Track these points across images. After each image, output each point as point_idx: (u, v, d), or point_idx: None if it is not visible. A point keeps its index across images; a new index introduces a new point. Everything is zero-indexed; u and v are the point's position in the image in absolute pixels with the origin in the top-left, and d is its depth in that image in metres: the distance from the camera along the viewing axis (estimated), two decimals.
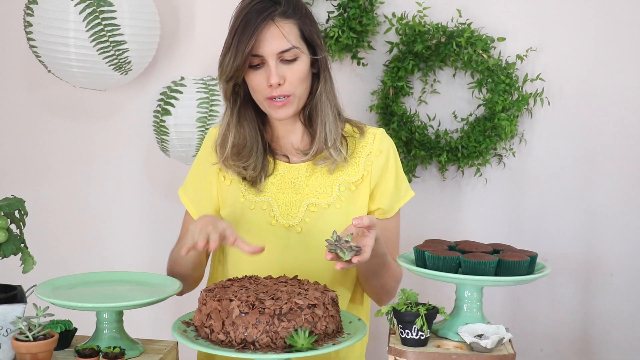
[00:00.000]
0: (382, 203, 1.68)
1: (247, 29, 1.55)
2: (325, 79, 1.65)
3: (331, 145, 1.64)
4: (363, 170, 1.67)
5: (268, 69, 1.58)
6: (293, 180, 1.67)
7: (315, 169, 1.67)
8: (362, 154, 1.68)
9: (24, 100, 2.55)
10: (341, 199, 1.65)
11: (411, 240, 1.64)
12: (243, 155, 1.66)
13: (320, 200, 1.65)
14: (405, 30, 2.25)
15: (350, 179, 1.66)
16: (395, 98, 2.28)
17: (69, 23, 2.11)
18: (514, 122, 2.23)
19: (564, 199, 2.31)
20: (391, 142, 1.72)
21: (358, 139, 1.69)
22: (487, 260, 1.40)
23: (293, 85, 1.59)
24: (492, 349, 1.34)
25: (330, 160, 1.65)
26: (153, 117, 2.25)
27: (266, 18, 1.56)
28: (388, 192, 1.68)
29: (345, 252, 1.38)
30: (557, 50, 2.25)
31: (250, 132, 1.67)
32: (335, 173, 1.66)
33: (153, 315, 2.32)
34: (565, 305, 2.35)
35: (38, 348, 1.30)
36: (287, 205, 1.65)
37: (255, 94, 1.63)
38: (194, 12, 2.42)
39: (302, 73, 1.60)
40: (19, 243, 1.42)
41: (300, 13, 1.61)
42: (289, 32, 1.58)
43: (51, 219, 2.55)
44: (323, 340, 1.30)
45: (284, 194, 1.66)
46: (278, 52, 1.57)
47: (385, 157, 1.68)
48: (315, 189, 1.66)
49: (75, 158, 2.55)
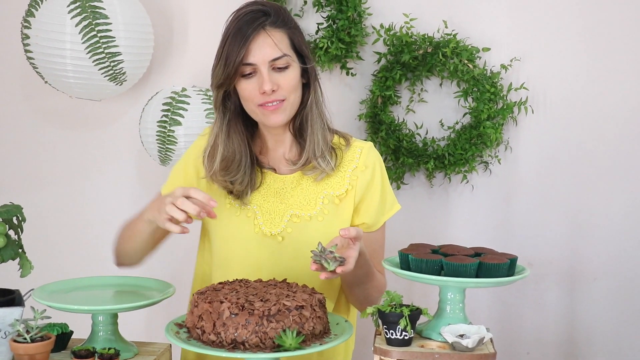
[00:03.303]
0: (366, 218, 1.69)
1: (238, 37, 1.56)
2: (315, 89, 1.67)
3: (319, 155, 1.65)
4: (348, 185, 1.67)
5: (260, 77, 1.58)
6: (279, 190, 1.68)
7: (302, 179, 1.68)
8: (348, 167, 1.68)
9: (22, 109, 2.58)
10: (324, 211, 1.66)
11: (399, 246, 1.66)
12: (231, 169, 1.65)
13: (304, 211, 1.66)
14: (393, 41, 2.31)
15: (334, 193, 1.67)
16: (383, 107, 2.33)
17: (66, 35, 2.16)
18: (499, 130, 2.28)
19: (549, 205, 2.35)
20: (378, 156, 1.72)
21: (344, 150, 1.70)
22: (468, 263, 1.44)
23: (286, 91, 1.60)
24: (473, 348, 1.38)
25: (318, 170, 1.65)
26: (158, 127, 2.26)
27: (257, 27, 1.57)
28: (373, 207, 1.69)
29: (330, 262, 1.43)
30: (540, 59, 2.30)
31: (240, 146, 1.67)
32: (320, 185, 1.67)
33: (147, 318, 2.36)
34: (551, 309, 2.38)
35: (36, 349, 1.33)
36: (271, 214, 1.66)
37: (247, 103, 1.63)
38: (187, 24, 2.46)
39: (294, 80, 1.61)
40: (17, 248, 1.44)
41: (290, 24, 1.63)
42: (280, 41, 1.59)
43: (48, 225, 2.58)
44: (310, 340, 1.34)
45: (269, 202, 1.67)
46: (270, 59, 1.58)
47: (371, 172, 1.69)
48: (299, 200, 1.66)
49: (71, 166, 2.58)
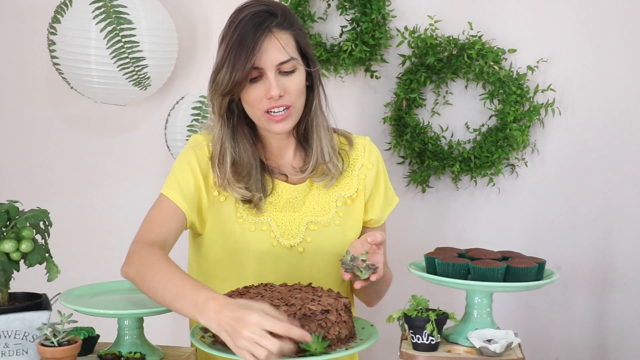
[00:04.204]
0: (373, 214, 1.68)
1: (246, 42, 1.48)
2: (319, 93, 1.61)
3: (329, 160, 1.61)
4: (357, 184, 1.66)
5: (267, 81, 1.51)
6: (291, 200, 1.62)
7: (312, 186, 1.64)
8: (355, 167, 1.66)
9: (48, 115, 2.61)
10: (339, 214, 1.64)
11: (424, 250, 1.65)
12: (243, 175, 1.58)
13: (320, 218, 1.63)
14: (418, 43, 2.29)
15: (345, 194, 1.65)
16: (408, 110, 2.32)
17: (91, 41, 2.17)
18: (525, 132, 2.25)
19: (577, 208, 2.32)
20: (378, 151, 1.70)
21: (348, 150, 1.66)
22: (496, 267, 1.43)
23: (293, 97, 1.53)
24: (501, 353, 1.37)
25: (329, 175, 1.62)
26: (188, 131, 2.26)
27: (265, 30, 1.49)
28: (379, 203, 1.68)
29: (363, 271, 1.44)
30: (567, 60, 2.28)
31: (247, 150, 1.59)
32: (331, 189, 1.64)
33: (172, 323, 2.37)
34: (580, 314, 2.35)
35: (63, 353, 1.34)
36: (287, 225, 1.61)
37: (252, 109, 1.55)
38: (210, 29, 2.46)
39: (301, 84, 1.54)
40: (44, 253, 1.45)
41: (295, 25, 1.57)
42: (287, 44, 1.52)
43: (74, 230, 2.60)
44: (336, 345, 1.34)
45: (282, 213, 1.61)
46: (277, 63, 1.51)
47: (376, 169, 1.67)
48: (313, 207, 1.63)
49: (98, 171, 2.60)
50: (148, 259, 1.44)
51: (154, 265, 1.42)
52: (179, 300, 1.34)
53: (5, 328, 1.38)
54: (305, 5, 2.31)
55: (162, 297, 1.38)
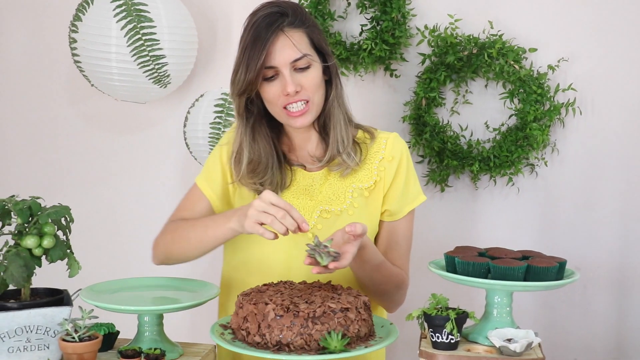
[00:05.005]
0: (389, 205, 1.69)
1: (258, 42, 1.56)
2: (336, 85, 1.67)
3: (343, 150, 1.65)
4: (376, 176, 1.68)
5: (283, 79, 1.58)
6: (308, 187, 1.68)
7: (329, 175, 1.68)
8: (375, 159, 1.69)
9: (69, 113, 2.63)
10: (354, 205, 1.66)
11: (443, 249, 1.65)
12: (259, 171, 1.66)
13: (334, 206, 1.66)
14: (437, 42, 2.29)
15: (363, 185, 1.67)
16: (427, 109, 2.31)
17: (111, 39, 2.19)
18: (545, 132, 2.24)
19: (597, 208, 2.31)
20: (404, 145, 1.72)
21: (369, 144, 1.70)
22: (516, 266, 1.42)
23: (310, 92, 1.60)
24: (521, 352, 1.36)
25: (344, 165, 1.66)
26: (211, 128, 2.27)
27: (275, 30, 1.57)
28: (396, 194, 1.68)
29: (324, 257, 1.40)
30: (588, 60, 2.26)
31: (265, 148, 1.67)
32: (348, 179, 1.67)
33: (191, 319, 2.38)
34: (600, 314, 2.34)
35: (84, 348, 1.35)
36: (301, 211, 1.65)
37: (271, 106, 1.64)
38: (230, 27, 2.47)
39: (317, 79, 1.62)
40: (65, 249, 1.46)
41: (308, 23, 1.63)
42: (299, 41, 1.59)
43: (95, 226, 2.62)
44: (355, 343, 1.34)
45: (299, 199, 1.67)
46: (291, 61, 1.58)
47: (398, 161, 1.68)
48: (328, 196, 1.67)
49: (117, 168, 2.62)
50: (175, 226, 1.70)
51: (180, 226, 1.68)
52: (209, 228, 1.59)
53: (28, 323, 1.39)
54: (325, 3, 2.31)
55: (195, 240, 1.62)
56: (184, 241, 1.65)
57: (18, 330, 1.39)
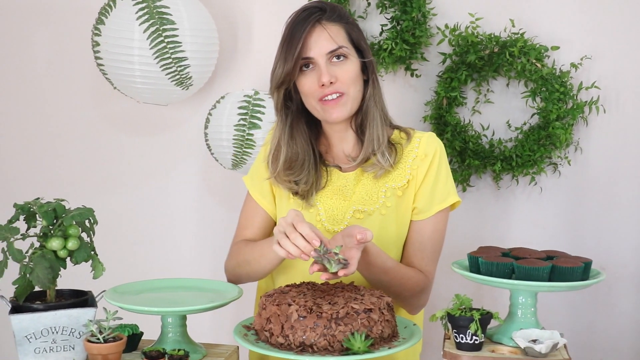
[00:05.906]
0: (418, 202, 1.68)
1: (296, 34, 1.60)
2: (374, 83, 1.68)
3: (378, 149, 1.65)
4: (409, 175, 1.67)
5: (319, 69, 1.61)
6: (342, 188, 1.69)
7: (362, 175, 1.68)
8: (408, 158, 1.68)
9: (92, 115, 2.65)
10: (387, 204, 1.66)
11: (466, 249, 1.64)
12: (295, 169, 1.68)
13: (366, 207, 1.66)
14: (458, 41, 2.28)
15: (396, 185, 1.67)
16: (448, 108, 2.30)
17: (134, 42, 2.20)
18: (569, 131, 2.22)
19: (621, 207, 2.28)
20: (439, 144, 1.70)
21: (404, 144, 1.70)
22: (541, 266, 1.41)
23: (345, 84, 1.62)
24: (546, 354, 1.35)
25: (377, 166, 1.66)
26: (235, 130, 2.27)
27: (312, 22, 1.61)
28: (425, 192, 1.67)
29: (333, 263, 1.39)
30: (612, 57, 2.24)
31: (303, 146, 1.69)
32: (381, 179, 1.67)
33: (214, 320, 2.39)
34: (626, 315, 2.31)
35: (109, 349, 1.36)
36: (334, 211, 1.67)
37: (307, 99, 1.65)
38: (251, 29, 2.48)
39: (353, 73, 1.63)
40: (90, 250, 1.47)
41: (346, 19, 1.66)
42: (336, 34, 1.62)
43: (119, 228, 2.63)
44: (379, 344, 1.34)
45: (332, 199, 1.68)
46: (327, 52, 1.60)
47: (431, 158, 1.67)
48: (362, 196, 1.67)
49: (140, 170, 2.64)
50: (238, 249, 1.74)
51: (242, 251, 1.71)
52: (264, 250, 1.62)
53: (53, 324, 1.40)
54: (345, 4, 2.31)
55: (255, 264, 1.65)
56: (247, 265, 1.69)
57: (44, 331, 1.40)
